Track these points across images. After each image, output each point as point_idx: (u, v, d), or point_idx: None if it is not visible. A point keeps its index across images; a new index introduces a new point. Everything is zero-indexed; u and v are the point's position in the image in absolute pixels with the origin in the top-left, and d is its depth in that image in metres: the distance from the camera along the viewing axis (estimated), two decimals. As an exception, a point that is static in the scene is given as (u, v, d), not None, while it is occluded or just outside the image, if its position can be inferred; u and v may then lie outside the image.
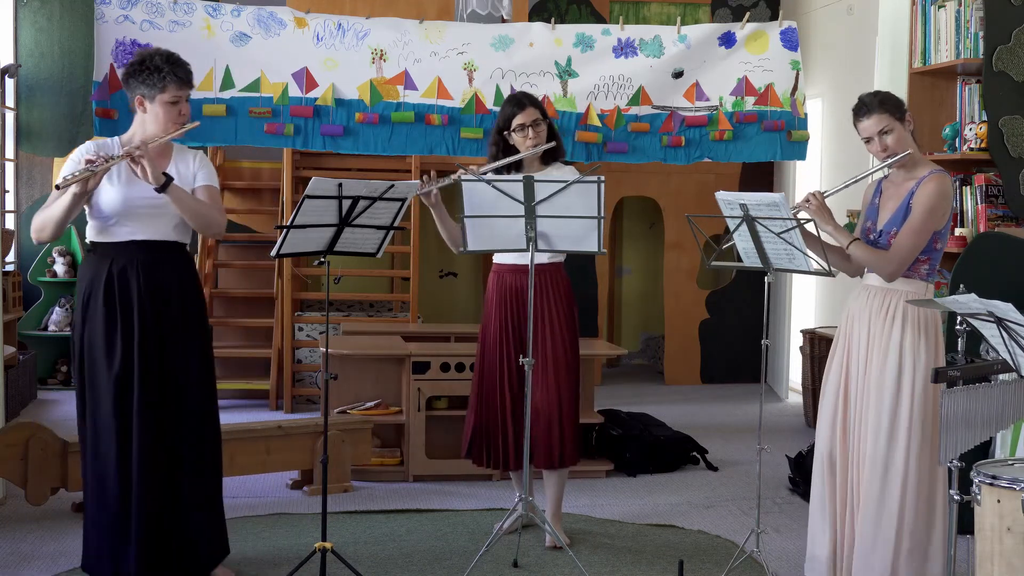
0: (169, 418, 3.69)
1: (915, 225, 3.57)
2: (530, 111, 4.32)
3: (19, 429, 4.52)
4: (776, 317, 8.07)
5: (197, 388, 3.76)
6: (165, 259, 3.71)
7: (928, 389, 3.58)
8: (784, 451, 5.74)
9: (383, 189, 3.69)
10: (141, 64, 3.65)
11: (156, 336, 3.67)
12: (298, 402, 7.14)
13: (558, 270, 4.42)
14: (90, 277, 3.68)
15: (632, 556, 4.32)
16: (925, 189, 3.57)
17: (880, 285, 3.69)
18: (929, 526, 3.59)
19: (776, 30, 5.58)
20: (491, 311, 4.45)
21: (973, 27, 4.90)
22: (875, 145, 3.63)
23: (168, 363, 3.69)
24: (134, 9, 5.06)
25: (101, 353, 3.65)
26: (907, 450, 3.56)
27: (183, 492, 3.71)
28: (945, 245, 3.69)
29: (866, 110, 3.62)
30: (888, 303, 3.64)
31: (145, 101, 3.67)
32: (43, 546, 4.28)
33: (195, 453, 3.74)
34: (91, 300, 3.67)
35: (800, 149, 5.65)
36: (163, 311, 3.68)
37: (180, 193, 3.62)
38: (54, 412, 6.82)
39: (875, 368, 3.63)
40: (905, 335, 3.58)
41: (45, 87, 7.87)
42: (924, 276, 3.65)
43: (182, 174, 3.73)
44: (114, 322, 3.64)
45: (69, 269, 7.63)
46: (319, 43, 5.26)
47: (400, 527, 4.63)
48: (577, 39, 5.46)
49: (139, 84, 3.65)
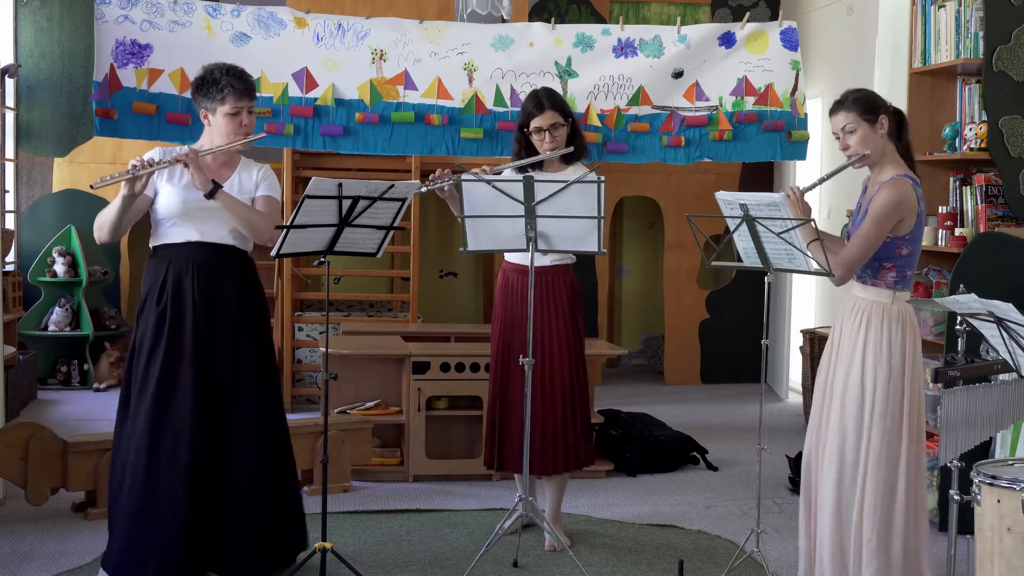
0: (218, 424, 3.70)
1: (863, 231, 3.54)
2: (548, 115, 4.27)
3: (19, 429, 4.52)
4: (776, 317, 8.07)
5: (251, 393, 3.76)
6: (222, 263, 3.75)
7: (891, 388, 3.55)
8: (784, 451, 5.74)
9: (383, 189, 3.69)
10: (203, 79, 3.74)
11: (208, 342, 3.70)
12: (298, 402, 7.14)
13: (566, 272, 4.38)
14: (149, 281, 3.75)
15: (632, 556, 4.32)
16: (879, 197, 3.55)
17: (854, 292, 3.69)
18: (889, 526, 3.58)
19: (776, 30, 5.58)
20: (497, 312, 4.44)
21: (973, 27, 4.89)
22: (840, 143, 3.66)
23: (220, 370, 3.71)
24: (134, 9, 5.06)
25: (144, 358, 3.69)
26: (867, 451, 3.56)
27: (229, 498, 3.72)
28: (917, 252, 3.62)
29: (836, 107, 3.65)
30: (859, 311, 3.65)
31: (209, 114, 3.75)
32: (43, 546, 4.28)
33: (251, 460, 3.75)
34: (147, 303, 3.73)
35: (800, 149, 5.66)
36: (216, 316, 3.71)
37: (229, 199, 3.68)
38: (54, 412, 6.83)
39: (840, 370, 3.65)
40: (869, 337, 3.58)
41: (45, 87, 7.87)
42: (891, 284, 3.59)
43: (244, 184, 3.80)
44: (163, 324, 3.68)
45: (69, 269, 7.63)
46: (319, 43, 5.26)
47: (400, 527, 4.63)
48: (577, 39, 5.46)
49: (202, 97, 3.74)
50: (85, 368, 7.65)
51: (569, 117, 4.35)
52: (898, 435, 3.56)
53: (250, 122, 3.77)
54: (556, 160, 4.34)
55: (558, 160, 4.35)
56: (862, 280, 3.65)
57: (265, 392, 3.83)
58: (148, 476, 3.63)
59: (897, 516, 3.57)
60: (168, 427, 3.64)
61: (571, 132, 4.35)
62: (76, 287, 7.67)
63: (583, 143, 4.44)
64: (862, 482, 3.57)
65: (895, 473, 3.56)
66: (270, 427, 3.84)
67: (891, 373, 3.55)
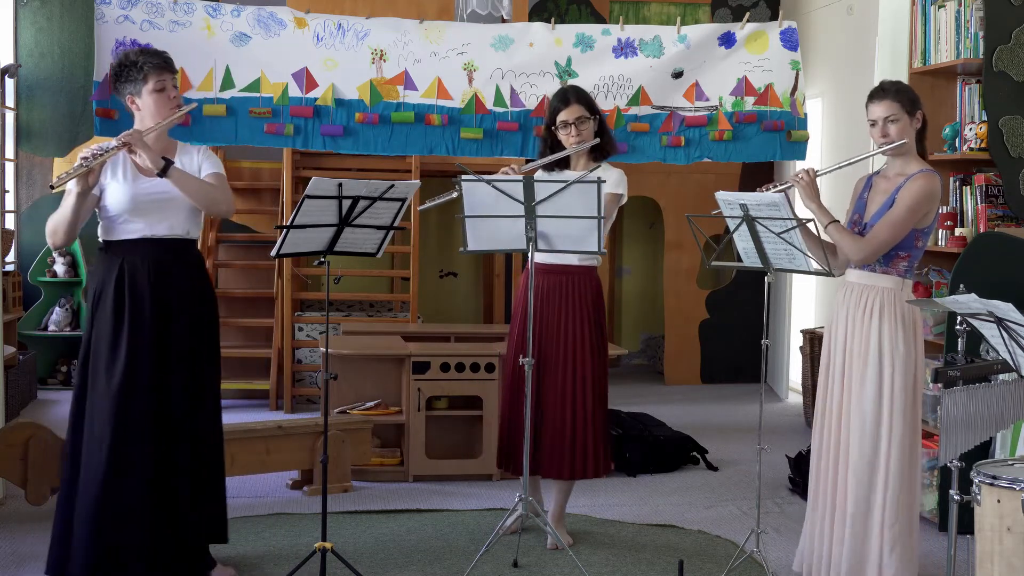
0: (171, 419, 3.68)
1: (894, 217, 3.66)
2: (574, 108, 4.27)
3: (19, 429, 4.52)
4: (776, 317, 8.08)
5: (205, 392, 3.76)
6: (176, 258, 3.72)
7: (909, 384, 3.66)
8: (784, 451, 5.74)
9: (383, 189, 3.69)
10: (119, 66, 3.73)
11: (164, 338, 3.66)
12: (298, 402, 7.14)
13: (589, 274, 4.33)
14: (101, 276, 3.69)
15: (632, 556, 4.32)
16: (912, 186, 3.67)
17: (859, 281, 3.78)
18: (911, 523, 3.68)
19: (776, 30, 5.58)
20: (518, 312, 4.43)
21: (973, 27, 4.89)
22: (877, 130, 3.74)
23: (176, 367, 3.68)
24: (134, 9, 5.06)
25: (104, 356, 3.64)
26: (889, 444, 3.64)
27: (182, 495, 3.70)
28: (926, 245, 3.77)
29: (881, 94, 3.75)
30: (866, 299, 3.73)
31: (135, 98, 3.70)
32: (43, 546, 4.25)
33: (196, 457, 3.73)
34: (101, 300, 3.67)
35: (800, 149, 5.66)
36: (171, 313, 3.68)
37: (181, 174, 3.63)
38: (54, 412, 6.82)
39: (857, 364, 3.71)
40: (883, 330, 3.67)
41: (45, 87, 7.87)
42: (902, 273, 3.72)
43: (187, 167, 3.75)
44: (121, 324, 3.63)
45: (69, 269, 7.63)
46: (319, 43, 5.26)
47: (400, 527, 4.63)
48: (577, 39, 5.46)
49: (123, 83, 3.71)
50: (85, 368, 7.64)
51: (596, 113, 4.35)
52: (914, 416, 3.66)
53: (177, 96, 3.75)
54: (585, 157, 4.33)
55: (586, 158, 4.33)
56: (871, 268, 3.74)
57: (215, 388, 3.83)
58: (113, 476, 3.58)
59: (917, 499, 3.69)
60: (131, 427, 3.60)
61: (599, 129, 4.34)
62: (76, 287, 7.67)
63: (611, 139, 4.43)
64: (885, 464, 3.64)
65: (916, 457, 3.67)
66: (216, 423, 3.83)
67: (907, 356, 3.66)
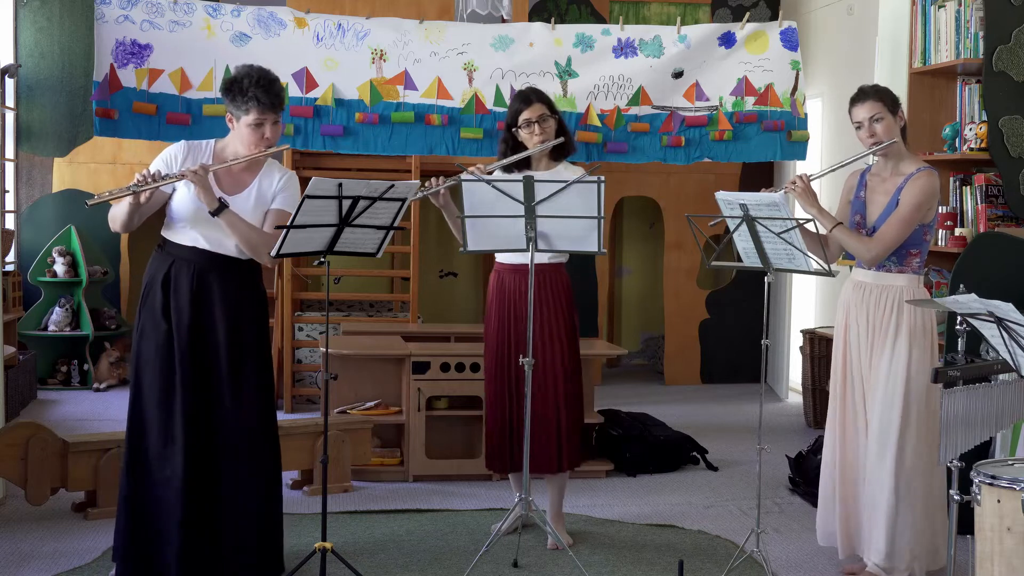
0: (211, 428, 3.70)
1: (902, 216, 3.77)
2: (536, 107, 4.29)
3: (19, 429, 4.52)
4: (776, 317, 8.07)
5: (246, 402, 3.75)
6: (224, 271, 3.73)
7: (929, 384, 3.73)
8: (784, 451, 5.74)
9: (383, 189, 3.69)
10: (232, 82, 3.67)
11: (201, 345, 3.69)
12: (298, 402, 7.14)
13: (558, 271, 4.39)
14: (152, 272, 3.74)
15: (632, 556, 4.32)
16: (915, 185, 3.79)
17: (874, 281, 3.86)
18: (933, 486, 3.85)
19: (776, 30, 5.59)
20: (491, 312, 4.44)
21: (973, 27, 4.89)
22: (864, 131, 3.85)
23: (214, 379, 3.70)
24: (134, 9, 5.06)
25: (150, 352, 3.68)
26: (916, 439, 3.77)
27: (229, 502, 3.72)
28: (932, 238, 3.90)
29: (863, 96, 3.87)
30: (885, 299, 3.83)
31: (233, 119, 3.71)
32: (43, 546, 4.27)
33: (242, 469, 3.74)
34: (148, 295, 3.73)
35: (800, 149, 5.66)
36: (212, 320, 3.70)
37: (233, 219, 3.63)
38: (54, 412, 6.83)
39: (881, 364, 3.81)
40: (901, 329, 3.78)
41: (45, 87, 7.87)
42: (916, 269, 3.85)
43: (263, 190, 3.76)
44: (164, 320, 3.68)
45: (69, 269, 7.63)
46: (319, 43, 5.27)
47: (400, 527, 4.63)
48: (577, 39, 5.46)
49: (228, 101, 3.69)
50: (85, 368, 7.65)
51: (556, 112, 4.37)
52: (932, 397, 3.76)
53: (273, 134, 3.69)
54: (545, 158, 4.35)
55: (547, 158, 4.35)
56: (886, 268, 3.85)
57: (265, 397, 3.82)
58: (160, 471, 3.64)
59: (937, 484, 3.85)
60: (171, 425, 3.64)
61: (559, 129, 4.36)
62: (76, 287, 7.67)
63: (571, 140, 4.45)
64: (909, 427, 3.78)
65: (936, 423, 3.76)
66: (266, 433, 3.82)
67: (928, 351, 3.78)
